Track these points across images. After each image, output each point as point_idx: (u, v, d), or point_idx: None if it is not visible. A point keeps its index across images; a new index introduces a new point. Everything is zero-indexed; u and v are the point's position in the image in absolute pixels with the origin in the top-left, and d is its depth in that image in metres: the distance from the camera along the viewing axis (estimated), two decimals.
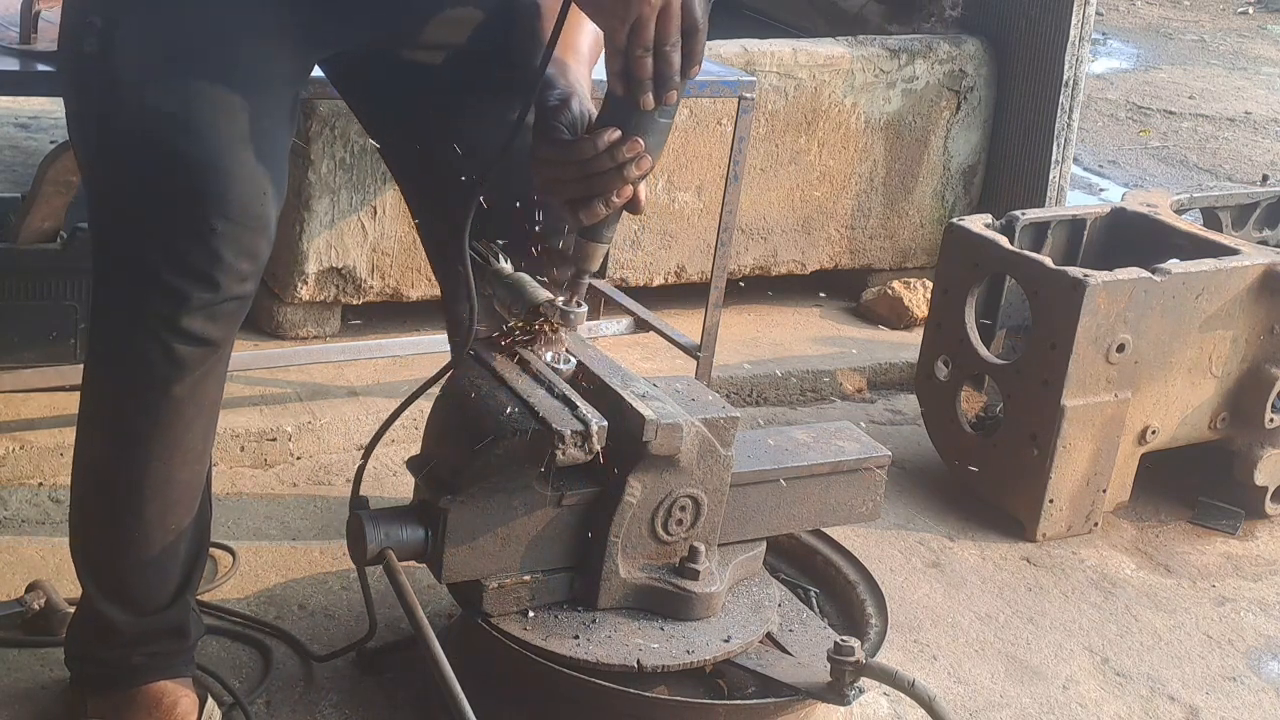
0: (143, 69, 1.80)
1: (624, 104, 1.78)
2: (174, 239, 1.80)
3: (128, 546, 1.96)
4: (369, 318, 3.30)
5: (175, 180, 1.79)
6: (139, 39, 1.80)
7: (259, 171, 1.83)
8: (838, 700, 1.99)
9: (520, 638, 1.98)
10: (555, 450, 1.83)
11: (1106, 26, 8.50)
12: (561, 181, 1.83)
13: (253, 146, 1.82)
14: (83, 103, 1.87)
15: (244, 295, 1.87)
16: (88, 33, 1.81)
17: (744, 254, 3.67)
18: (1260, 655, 2.63)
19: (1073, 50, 3.69)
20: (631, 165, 1.79)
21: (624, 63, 1.74)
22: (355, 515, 1.94)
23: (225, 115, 1.81)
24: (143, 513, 1.93)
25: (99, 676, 2.04)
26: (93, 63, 1.82)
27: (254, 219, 1.83)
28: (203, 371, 1.88)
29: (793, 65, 3.58)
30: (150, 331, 1.84)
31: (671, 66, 1.74)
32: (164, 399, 1.88)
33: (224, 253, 1.81)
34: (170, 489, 1.94)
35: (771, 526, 2.21)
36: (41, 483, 2.67)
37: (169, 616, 2.02)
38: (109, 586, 1.98)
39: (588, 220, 1.84)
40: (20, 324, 2.75)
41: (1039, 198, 3.77)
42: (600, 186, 1.82)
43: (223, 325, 1.87)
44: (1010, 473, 2.94)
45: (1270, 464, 3.07)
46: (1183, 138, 6.35)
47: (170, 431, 1.90)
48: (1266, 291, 2.98)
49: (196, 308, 1.82)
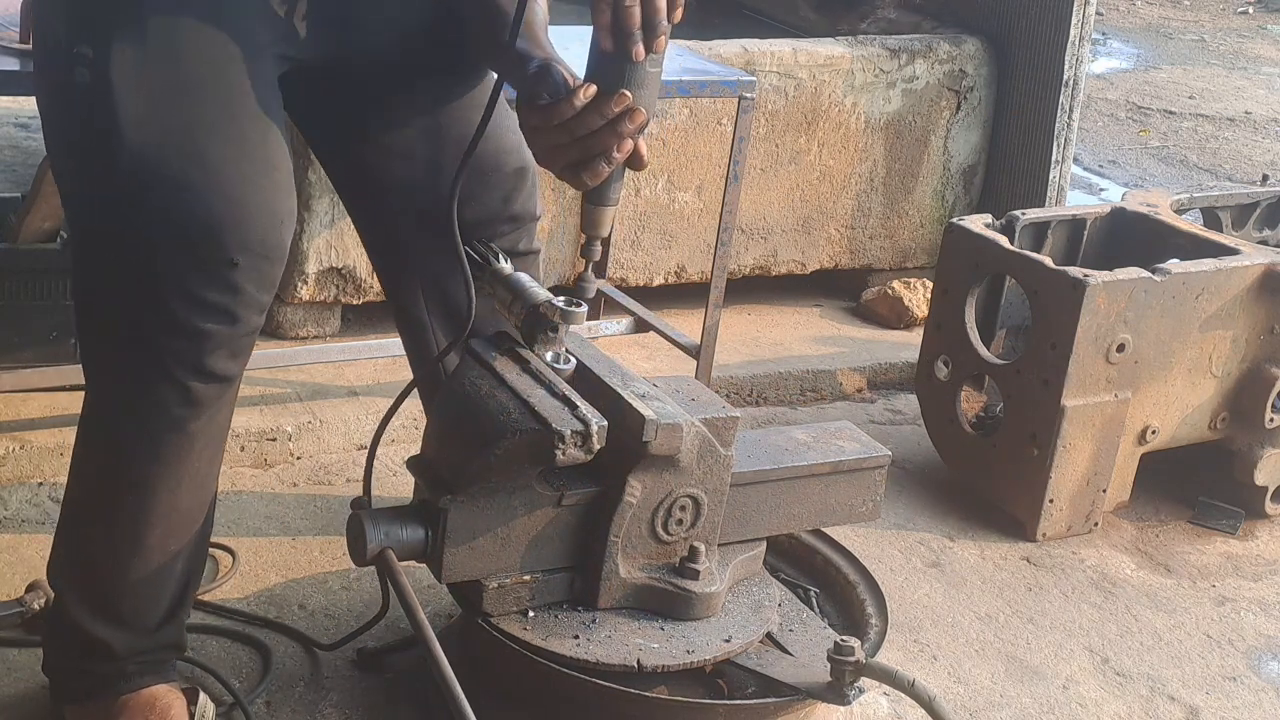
0: (143, 101, 1.73)
1: (613, 59, 1.77)
2: (191, 277, 1.74)
3: (124, 570, 1.91)
4: (369, 318, 3.30)
5: (190, 215, 1.72)
6: (135, 69, 1.74)
7: (274, 198, 1.78)
8: (838, 700, 1.99)
9: (520, 638, 1.98)
10: (555, 450, 1.83)
11: (1106, 26, 8.50)
12: (558, 147, 1.81)
13: (265, 173, 1.78)
14: (77, 138, 1.78)
15: (260, 326, 1.83)
16: (78, 63, 1.73)
17: (744, 254, 3.67)
18: (1260, 655, 2.63)
19: (1073, 50, 3.69)
20: (625, 119, 1.77)
21: (612, 15, 1.73)
22: (355, 515, 1.94)
23: (234, 143, 1.76)
24: (143, 540, 1.89)
25: (84, 686, 1.99)
26: (87, 96, 1.74)
27: (273, 248, 1.78)
28: (218, 405, 1.85)
29: (793, 65, 3.58)
30: (167, 375, 1.78)
31: (660, 12, 1.74)
32: (177, 437, 1.83)
33: (245, 286, 1.76)
34: (174, 516, 1.90)
35: (771, 526, 2.21)
36: (41, 482, 2.67)
37: (162, 635, 1.99)
38: (98, 605, 1.93)
39: (592, 180, 1.82)
40: (20, 324, 2.75)
41: (1039, 198, 3.77)
42: (598, 145, 1.79)
43: (242, 359, 1.84)
44: (1010, 473, 2.94)
45: (1270, 464, 3.07)
46: (1183, 138, 6.35)
47: (180, 465, 1.86)
48: (1266, 291, 2.98)
49: (218, 345, 1.77)
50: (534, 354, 1.99)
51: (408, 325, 2.23)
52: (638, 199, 3.48)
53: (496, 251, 2.04)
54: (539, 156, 1.85)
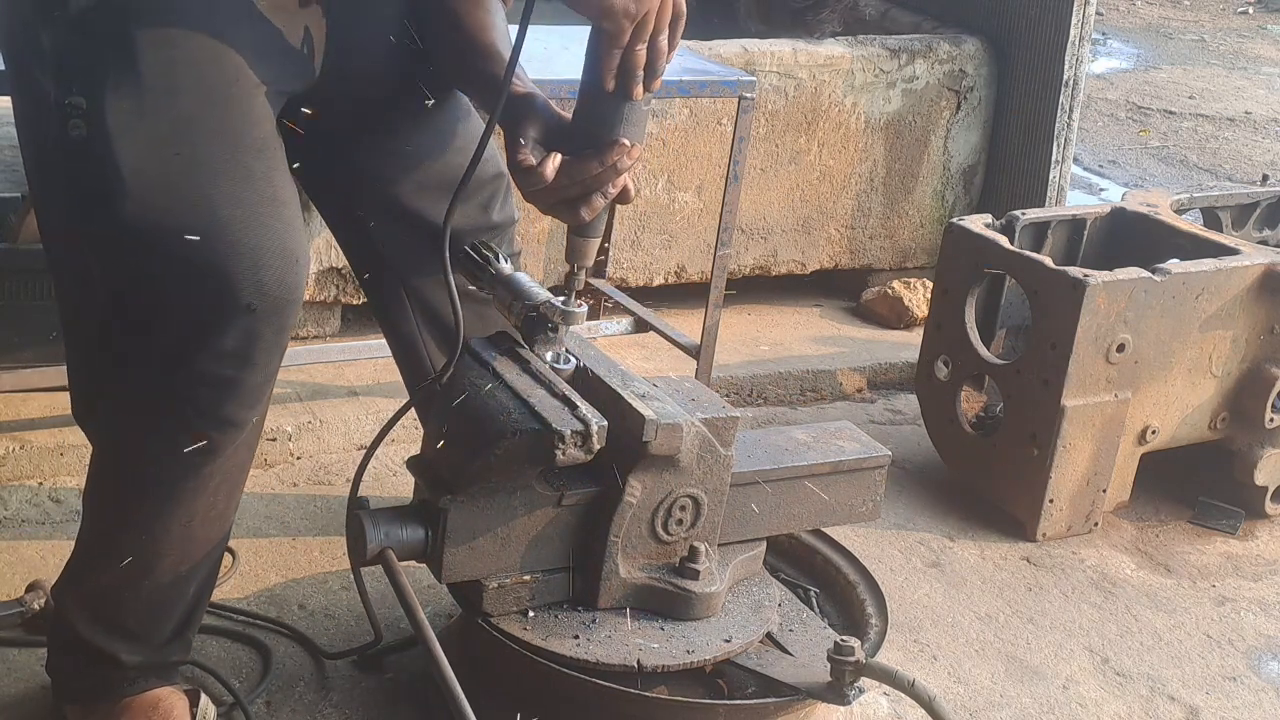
0: (143, 146, 1.67)
1: (611, 97, 1.79)
2: (208, 327, 1.69)
3: (134, 593, 1.90)
4: (369, 318, 3.29)
5: (204, 265, 1.66)
6: (133, 113, 1.67)
7: (286, 237, 1.73)
8: (838, 700, 1.99)
9: (520, 638, 1.98)
10: (555, 450, 1.83)
11: (1106, 26, 8.50)
12: (554, 189, 1.83)
13: (273, 212, 1.73)
14: (74, 194, 1.71)
15: (278, 369, 1.81)
16: (72, 115, 1.66)
17: (744, 254, 3.67)
18: (1260, 655, 2.63)
19: (1073, 50, 3.69)
20: (623, 159, 1.81)
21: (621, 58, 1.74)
22: (355, 515, 1.94)
23: (242, 185, 1.71)
24: (155, 568, 1.88)
25: (86, 688, 1.99)
26: (84, 149, 1.67)
27: (290, 289, 1.73)
28: (234, 448, 1.82)
29: (793, 65, 3.58)
30: (185, 426, 1.74)
31: (663, 55, 1.76)
32: (194, 481, 1.81)
33: (264, 330, 1.72)
34: (187, 546, 1.89)
35: (771, 526, 2.21)
36: (41, 483, 2.67)
37: (170, 649, 1.99)
38: (106, 622, 1.92)
39: (589, 215, 1.85)
40: (20, 324, 2.75)
41: (1039, 198, 3.77)
42: (595, 184, 1.83)
43: (262, 404, 1.81)
44: (1010, 473, 2.93)
45: (1270, 464, 3.07)
46: (1183, 138, 6.35)
47: (194, 503, 1.84)
48: (1266, 291, 2.98)
49: (238, 393, 1.74)
50: (534, 354, 1.99)
51: (398, 341, 2.21)
52: (638, 199, 3.46)
53: (496, 252, 2.04)
54: (528, 194, 1.86)
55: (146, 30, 1.69)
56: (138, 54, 1.68)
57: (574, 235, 1.92)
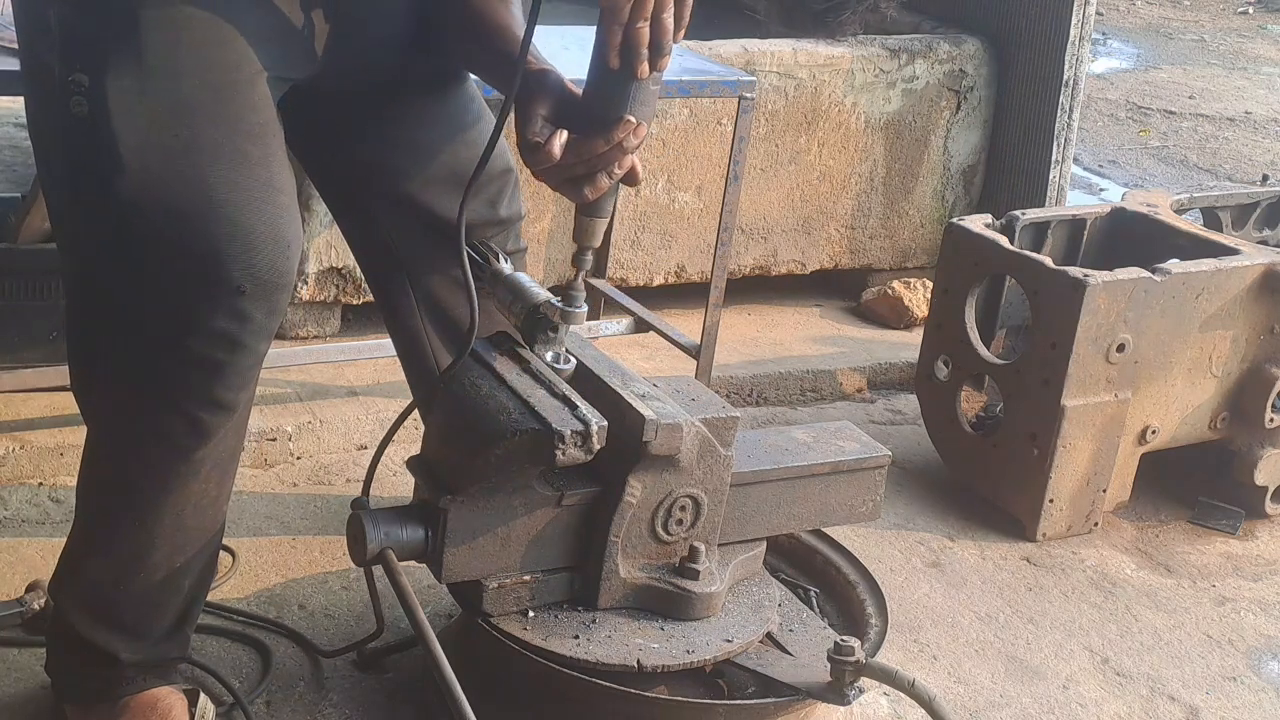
0: (142, 124, 1.69)
1: (618, 76, 1.79)
2: (199, 307, 1.70)
3: (129, 586, 1.90)
4: (369, 318, 3.30)
5: (197, 245, 1.69)
6: (134, 92, 1.69)
7: (279, 223, 1.75)
8: (838, 700, 1.99)
9: (520, 638, 1.98)
10: (555, 450, 1.83)
11: (1106, 26, 8.50)
12: (561, 166, 1.82)
13: (268, 197, 1.74)
14: (75, 169, 1.74)
15: (266, 353, 1.81)
16: (75, 93, 1.68)
17: (744, 254, 3.67)
18: (1260, 655, 2.63)
19: (1073, 50, 3.69)
20: (629, 137, 1.80)
21: (623, 36, 1.74)
22: (355, 515, 1.94)
23: (239, 169, 1.72)
24: (148, 559, 1.89)
25: (86, 688, 1.99)
26: (85, 126, 1.69)
27: (281, 274, 1.75)
28: (225, 432, 1.83)
29: (793, 65, 3.58)
30: (174, 406, 1.76)
31: (667, 34, 1.75)
32: (184, 465, 1.82)
33: (254, 313, 1.73)
34: (180, 536, 1.89)
35: (771, 526, 2.21)
36: (41, 483, 2.67)
37: (167, 645, 1.99)
38: (102, 617, 1.93)
39: (593, 194, 1.85)
40: (20, 324, 2.75)
41: (1039, 198, 3.77)
42: (601, 163, 1.82)
43: (250, 388, 1.82)
44: (1010, 473, 2.93)
45: (1270, 464, 3.07)
46: (1183, 138, 6.35)
47: (186, 490, 1.85)
48: (1266, 291, 2.98)
49: (227, 374, 1.75)
50: (534, 354, 1.99)
51: (401, 334, 2.21)
52: (638, 199, 3.48)
53: (496, 251, 2.04)
54: (536, 171, 1.85)
55: (151, 10, 1.71)
56: (142, 34, 1.70)
57: (581, 215, 1.91)
